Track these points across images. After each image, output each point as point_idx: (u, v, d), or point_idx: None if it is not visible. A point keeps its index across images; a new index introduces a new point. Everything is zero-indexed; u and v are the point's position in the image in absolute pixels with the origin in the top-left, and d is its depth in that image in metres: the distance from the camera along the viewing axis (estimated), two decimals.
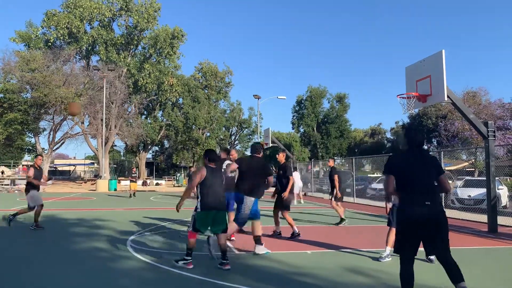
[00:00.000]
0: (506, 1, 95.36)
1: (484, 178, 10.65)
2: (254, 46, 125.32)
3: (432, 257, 6.07)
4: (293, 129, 67.69)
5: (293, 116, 67.14)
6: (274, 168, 20.65)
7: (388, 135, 69.42)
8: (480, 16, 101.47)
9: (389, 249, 6.28)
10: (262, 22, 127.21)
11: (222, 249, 5.70)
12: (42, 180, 9.82)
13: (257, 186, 6.73)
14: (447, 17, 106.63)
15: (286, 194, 8.30)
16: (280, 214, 8.74)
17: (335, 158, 52.64)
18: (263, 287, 4.73)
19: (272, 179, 6.96)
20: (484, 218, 10.68)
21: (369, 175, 26.96)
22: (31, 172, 9.51)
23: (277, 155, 8.84)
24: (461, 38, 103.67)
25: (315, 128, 63.91)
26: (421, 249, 3.93)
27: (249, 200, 6.63)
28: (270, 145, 27.35)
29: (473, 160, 32.45)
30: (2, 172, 26.28)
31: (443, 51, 9.44)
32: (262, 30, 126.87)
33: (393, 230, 5.89)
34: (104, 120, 34.16)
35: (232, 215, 7.60)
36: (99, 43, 41.71)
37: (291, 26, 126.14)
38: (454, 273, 3.73)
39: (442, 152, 14.63)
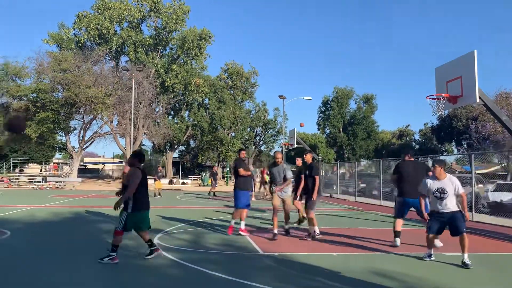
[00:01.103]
0: None
1: None
2: (280, 46, 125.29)
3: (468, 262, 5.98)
4: (318, 130, 67.35)
5: (319, 117, 66.78)
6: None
7: (417, 137, 68.06)
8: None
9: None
10: (288, 23, 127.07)
11: (146, 241, 6.21)
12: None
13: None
14: (479, 17, 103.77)
15: (314, 195, 8.25)
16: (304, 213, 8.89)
17: (362, 159, 52.01)
18: (285, 287, 4.72)
19: None
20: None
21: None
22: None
23: (304, 156, 8.86)
24: (494, 38, 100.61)
25: (341, 129, 63.35)
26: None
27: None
28: (295, 146, 27.24)
29: (506, 164, 31.46)
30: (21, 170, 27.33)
31: (475, 51, 9.20)
32: (288, 31, 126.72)
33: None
34: (132, 119, 34.83)
35: (244, 212, 8.65)
36: (128, 44, 42.59)
37: (318, 27, 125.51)
38: None
39: (472, 155, 14.25)
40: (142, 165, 6.31)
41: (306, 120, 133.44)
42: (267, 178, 20.60)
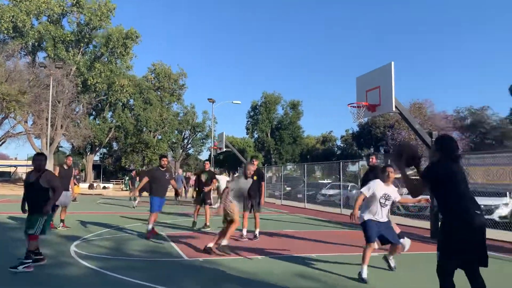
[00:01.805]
0: (453, 19, 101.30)
1: None
2: (210, 50, 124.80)
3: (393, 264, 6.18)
4: (247, 134, 68.00)
5: (248, 121, 67.47)
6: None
7: (339, 142, 71.27)
8: (428, 34, 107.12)
9: None
10: (219, 26, 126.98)
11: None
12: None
13: None
14: (398, 31, 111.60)
15: (262, 200, 9.41)
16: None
17: (288, 164, 53.40)
18: None
19: None
20: (427, 224, 11.18)
21: (320, 181, 27.52)
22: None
23: (254, 161, 9.10)
24: (411, 51, 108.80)
25: (269, 134, 64.52)
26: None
27: None
28: (224, 149, 27.26)
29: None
30: None
31: (392, 63, 9.83)
32: (218, 34, 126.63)
33: None
34: (49, 119, 32.61)
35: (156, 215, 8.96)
36: (46, 39, 39.88)
37: (247, 31, 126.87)
38: None
39: (389, 161, 15.21)
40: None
41: (235, 124, 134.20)
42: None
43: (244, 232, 8.95)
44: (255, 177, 9.06)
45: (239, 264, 6.28)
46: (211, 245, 7.19)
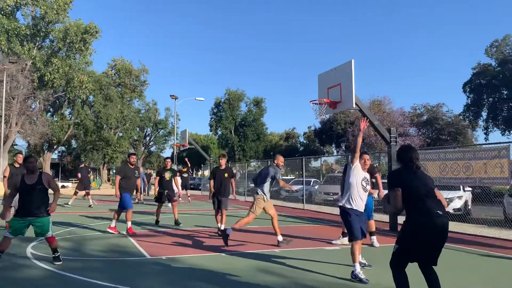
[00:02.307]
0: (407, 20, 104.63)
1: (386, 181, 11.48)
2: (172, 46, 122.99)
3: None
4: (211, 131, 67.64)
5: (211, 118, 67.11)
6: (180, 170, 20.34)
7: (302, 139, 72.18)
8: (396, 33, 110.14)
9: None
10: (180, 21, 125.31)
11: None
12: None
13: None
14: (363, 28, 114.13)
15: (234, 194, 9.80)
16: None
17: (252, 160, 53.57)
18: None
19: None
20: (386, 218, 11.55)
21: (283, 177, 27.80)
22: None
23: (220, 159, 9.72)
24: (372, 48, 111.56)
25: (232, 131, 64.45)
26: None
27: None
28: (188, 147, 27.01)
29: (377, 164, 35.00)
30: None
31: (353, 61, 10.06)
32: (180, 30, 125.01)
33: None
34: (3, 116, 31.15)
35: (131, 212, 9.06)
36: (0, 32, 38.01)
37: (209, 27, 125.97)
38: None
39: (349, 156, 15.56)
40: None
41: (198, 121, 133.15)
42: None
43: (222, 227, 8.93)
44: (226, 174, 9.36)
45: (203, 261, 6.26)
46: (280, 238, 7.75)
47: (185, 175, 21.13)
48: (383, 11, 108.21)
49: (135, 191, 10.52)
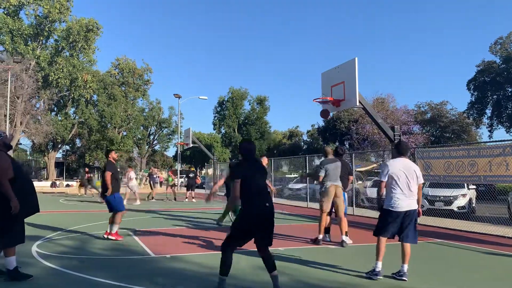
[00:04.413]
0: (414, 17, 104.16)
1: None
2: (175, 44, 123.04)
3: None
4: (214, 129, 67.72)
5: (215, 117, 67.17)
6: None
7: (305, 137, 72.14)
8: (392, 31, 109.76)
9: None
10: (184, 20, 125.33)
11: None
12: None
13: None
14: (366, 26, 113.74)
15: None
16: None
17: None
18: None
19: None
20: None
21: (286, 176, 27.80)
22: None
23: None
24: (375, 46, 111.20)
25: (236, 129, 64.48)
26: None
27: None
28: (191, 145, 27.06)
29: (381, 162, 34.90)
30: None
31: (356, 58, 10.02)
32: (184, 29, 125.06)
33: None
34: (8, 116, 31.32)
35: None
36: (4, 32, 38.19)
37: (213, 26, 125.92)
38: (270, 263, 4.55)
39: (353, 154, 15.55)
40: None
41: (202, 120, 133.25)
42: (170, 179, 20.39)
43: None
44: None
45: (207, 260, 6.27)
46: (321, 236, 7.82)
47: (191, 175, 21.50)
48: (386, 9, 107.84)
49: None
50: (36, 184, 27.83)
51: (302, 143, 70.86)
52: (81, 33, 40.87)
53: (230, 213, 10.24)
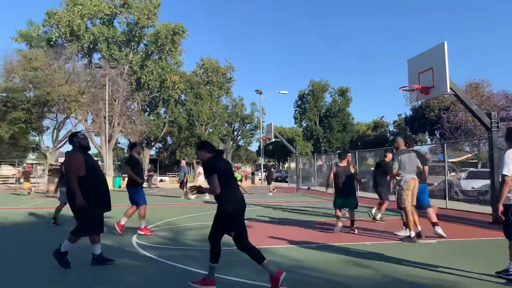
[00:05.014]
0: None
1: (488, 169, 10.63)
2: (255, 41, 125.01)
3: None
4: (295, 123, 67.70)
5: (296, 110, 67.11)
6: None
7: (391, 128, 69.26)
8: (483, 10, 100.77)
9: None
10: (263, 16, 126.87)
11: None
12: None
13: None
14: (450, 7, 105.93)
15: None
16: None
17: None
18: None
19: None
20: (488, 209, 10.68)
21: (371, 169, 26.94)
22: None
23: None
24: (464, 29, 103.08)
25: (317, 122, 63.85)
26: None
27: None
28: (273, 140, 27.37)
29: (477, 152, 32.36)
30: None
31: (445, 42, 9.41)
32: (263, 25, 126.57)
33: None
34: (107, 117, 34.24)
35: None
36: (100, 40, 41.72)
37: (292, 20, 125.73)
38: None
39: (445, 144, 14.62)
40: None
41: (283, 114, 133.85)
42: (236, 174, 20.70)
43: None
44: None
45: (293, 253, 6.34)
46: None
47: (273, 169, 21.81)
48: None
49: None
50: None
51: (388, 134, 68.10)
52: (168, 37, 43.26)
53: (373, 210, 10.39)
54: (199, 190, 4.71)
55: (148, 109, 52.10)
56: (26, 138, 40.17)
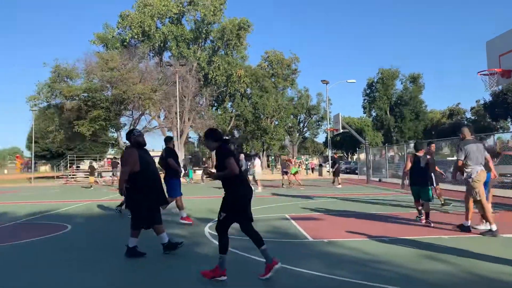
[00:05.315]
0: None
1: None
2: (320, 30, 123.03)
3: None
4: (364, 113, 65.96)
5: (364, 100, 65.33)
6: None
7: (468, 115, 65.07)
8: None
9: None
10: (326, 5, 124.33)
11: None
12: None
13: None
14: None
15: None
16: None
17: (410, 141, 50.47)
18: (337, 273, 4.73)
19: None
20: None
21: (448, 159, 25.51)
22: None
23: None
24: None
25: (388, 111, 61.65)
26: None
27: None
28: (341, 131, 26.86)
29: None
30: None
31: None
32: (327, 14, 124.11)
33: None
34: (178, 113, 35.64)
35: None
36: (170, 39, 43.44)
37: (357, 7, 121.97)
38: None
39: None
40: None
41: (351, 104, 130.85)
42: (293, 169, 20.69)
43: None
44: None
45: (364, 246, 6.22)
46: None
47: (341, 161, 21.47)
48: None
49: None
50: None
51: (465, 122, 64.06)
52: (233, 32, 43.99)
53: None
54: (206, 172, 4.93)
55: (215, 104, 53.50)
56: (105, 135, 43.04)
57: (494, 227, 6.79)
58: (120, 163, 6.27)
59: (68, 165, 40.38)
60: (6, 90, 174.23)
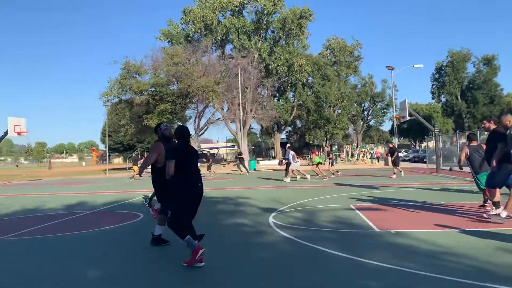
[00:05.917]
0: None
1: None
2: (383, 13, 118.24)
3: None
4: (433, 99, 62.88)
5: (433, 85, 62.22)
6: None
7: None
8: None
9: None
10: None
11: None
12: None
13: None
14: None
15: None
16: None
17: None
18: (406, 265, 4.61)
19: None
20: None
21: None
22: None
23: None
24: None
25: (459, 96, 58.23)
26: None
27: None
28: (408, 118, 25.82)
29: None
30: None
31: None
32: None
33: None
34: (240, 105, 36.19)
35: None
36: (231, 31, 44.05)
37: None
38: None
39: None
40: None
41: (418, 90, 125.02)
42: (315, 159, 20.55)
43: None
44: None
45: (434, 237, 6.00)
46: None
47: (398, 152, 21.19)
48: None
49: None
50: (266, 162, 31.31)
51: None
52: (294, 21, 43.66)
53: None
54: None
55: (277, 94, 53.55)
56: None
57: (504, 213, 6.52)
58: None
59: (139, 157, 42.63)
60: (81, 88, 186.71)
